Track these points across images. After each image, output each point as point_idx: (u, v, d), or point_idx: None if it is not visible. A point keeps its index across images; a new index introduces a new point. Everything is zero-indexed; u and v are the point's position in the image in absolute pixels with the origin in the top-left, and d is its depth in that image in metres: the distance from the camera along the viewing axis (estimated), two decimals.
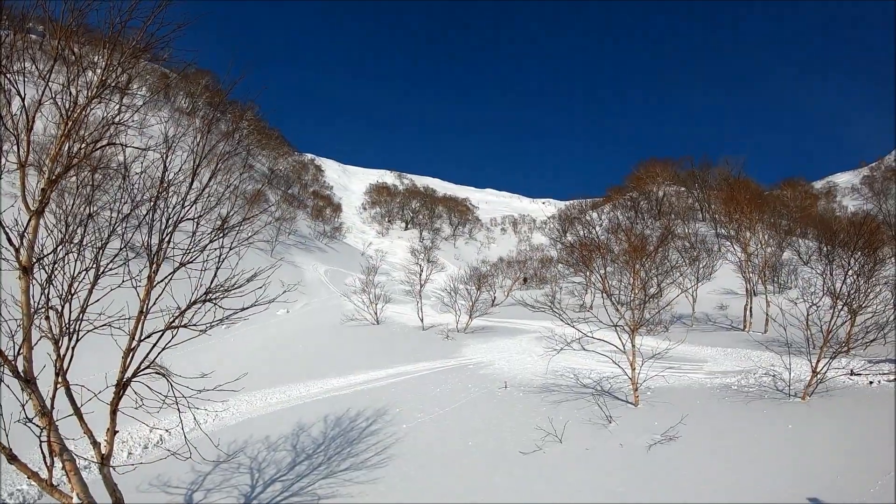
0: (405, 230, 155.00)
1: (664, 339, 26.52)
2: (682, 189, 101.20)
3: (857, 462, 11.82)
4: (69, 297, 7.67)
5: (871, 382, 17.48)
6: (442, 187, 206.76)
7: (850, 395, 16.51)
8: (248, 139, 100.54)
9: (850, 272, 18.95)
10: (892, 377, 17.50)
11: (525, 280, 56.29)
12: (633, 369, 17.67)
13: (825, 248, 33.32)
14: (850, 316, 19.56)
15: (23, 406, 7.15)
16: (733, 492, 11.27)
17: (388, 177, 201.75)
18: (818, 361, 16.35)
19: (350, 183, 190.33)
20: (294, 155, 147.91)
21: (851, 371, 18.36)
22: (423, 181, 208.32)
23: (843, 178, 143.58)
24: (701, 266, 43.46)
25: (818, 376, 16.37)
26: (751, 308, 33.37)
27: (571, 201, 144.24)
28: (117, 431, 8.37)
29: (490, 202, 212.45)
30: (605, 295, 20.54)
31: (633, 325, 18.07)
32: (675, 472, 12.46)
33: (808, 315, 17.44)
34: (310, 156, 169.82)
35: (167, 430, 15.96)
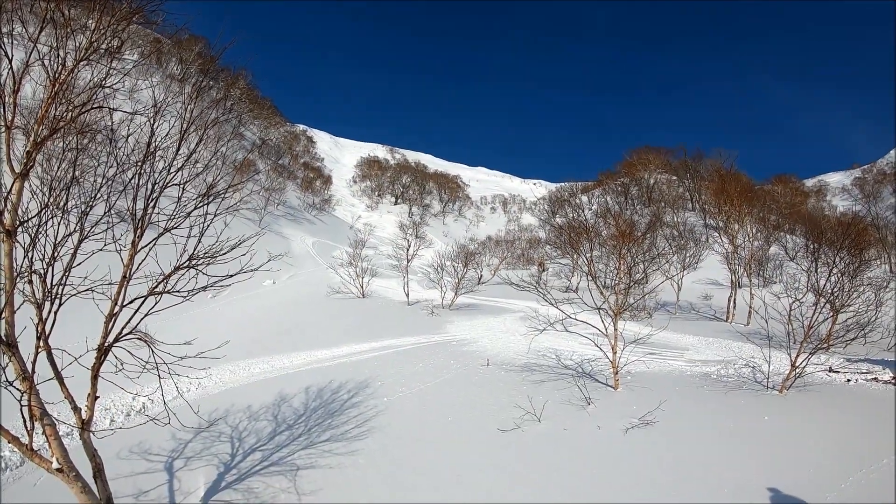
0: (395, 205, 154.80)
1: (647, 324, 26.76)
2: (674, 178, 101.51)
3: (829, 457, 12.02)
4: (52, 261, 7.63)
5: (848, 380, 17.72)
6: (433, 164, 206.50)
7: (827, 391, 16.73)
8: (239, 107, 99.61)
9: (835, 270, 19.11)
10: (870, 377, 17.74)
11: (542, 265, 54.85)
12: (615, 353, 17.81)
13: (812, 246, 33.49)
14: (832, 313, 19.79)
15: (2, 370, 7.14)
16: (705, 477, 11.44)
17: (379, 151, 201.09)
18: (797, 356, 16.52)
19: (341, 156, 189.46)
20: (286, 125, 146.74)
21: (830, 368, 18.61)
22: (414, 156, 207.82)
23: (835, 178, 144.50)
24: (688, 255, 43.77)
25: (797, 371, 16.56)
26: (734, 300, 33.74)
27: (562, 184, 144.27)
28: (98, 397, 8.37)
29: (481, 181, 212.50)
30: (590, 278, 20.61)
31: (616, 309, 18.18)
32: (649, 456, 12.61)
33: (790, 310, 17.59)
34: (302, 127, 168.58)
35: (149, 398, 15.98)
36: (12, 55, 7.01)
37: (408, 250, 44.61)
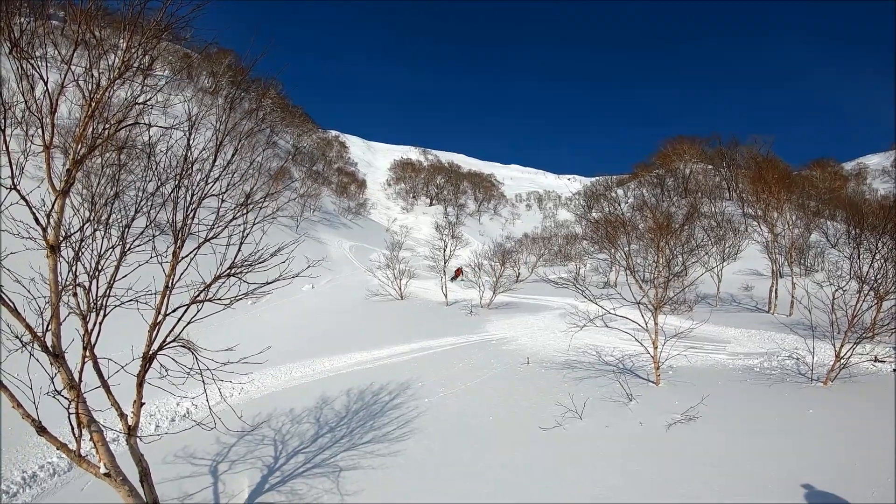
0: (430, 206, 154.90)
1: (688, 318, 26.37)
2: (710, 167, 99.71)
3: (875, 451, 11.67)
4: (96, 273, 7.86)
5: (895, 370, 17.25)
6: (467, 163, 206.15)
7: (873, 381, 16.31)
8: (271, 116, 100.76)
9: (878, 256, 18.57)
10: None
11: (459, 272, 51.43)
12: (656, 348, 17.61)
13: (853, 231, 32.62)
14: (876, 301, 19.24)
15: (51, 379, 7.38)
16: (747, 474, 11.21)
17: (412, 153, 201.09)
18: (842, 346, 16.15)
19: (374, 159, 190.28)
20: (318, 132, 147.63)
21: (876, 357, 18.06)
22: (447, 157, 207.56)
23: (874, 160, 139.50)
24: (727, 245, 43.01)
25: (841, 361, 16.18)
26: (776, 290, 33.03)
27: (597, 178, 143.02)
28: (144, 403, 8.60)
29: (515, 178, 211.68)
30: (628, 272, 20.42)
31: (656, 303, 17.98)
32: (692, 453, 12.44)
33: (833, 298, 17.19)
34: (334, 132, 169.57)
35: (193, 403, 16.31)
36: (48, 77, 7.25)
37: (444, 251, 44.69)
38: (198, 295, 8.57)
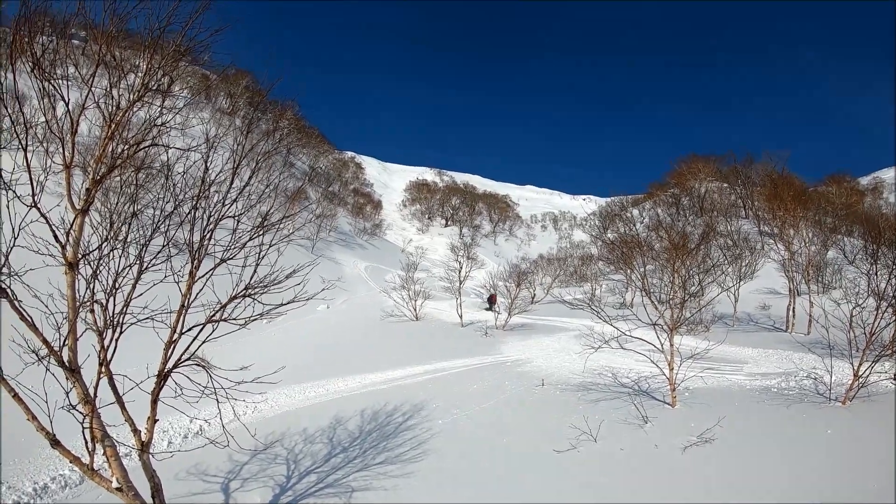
0: (445, 227, 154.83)
1: (704, 338, 26.17)
2: (725, 185, 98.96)
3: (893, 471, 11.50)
4: (113, 291, 7.99)
5: None
6: (482, 184, 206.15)
7: (892, 400, 16.08)
8: (288, 138, 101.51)
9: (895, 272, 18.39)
10: None
11: (493, 299, 48.60)
12: (671, 369, 17.48)
13: (870, 247, 32.25)
14: (894, 318, 19.02)
15: (66, 394, 7.48)
16: (766, 496, 11.09)
17: (428, 174, 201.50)
18: (860, 365, 15.95)
19: (390, 180, 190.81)
20: (334, 153, 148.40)
21: (895, 375, 17.85)
22: (462, 178, 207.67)
23: (890, 174, 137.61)
24: (743, 264, 42.62)
25: (860, 380, 15.98)
26: (794, 308, 32.64)
27: (612, 198, 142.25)
28: (157, 420, 8.68)
29: (530, 199, 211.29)
30: (644, 293, 20.30)
31: (672, 324, 17.86)
32: (709, 475, 12.30)
33: (851, 316, 17.00)
34: (350, 153, 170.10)
35: (206, 421, 16.37)
36: (69, 97, 7.42)
37: (460, 272, 44.60)
38: (213, 314, 8.66)
